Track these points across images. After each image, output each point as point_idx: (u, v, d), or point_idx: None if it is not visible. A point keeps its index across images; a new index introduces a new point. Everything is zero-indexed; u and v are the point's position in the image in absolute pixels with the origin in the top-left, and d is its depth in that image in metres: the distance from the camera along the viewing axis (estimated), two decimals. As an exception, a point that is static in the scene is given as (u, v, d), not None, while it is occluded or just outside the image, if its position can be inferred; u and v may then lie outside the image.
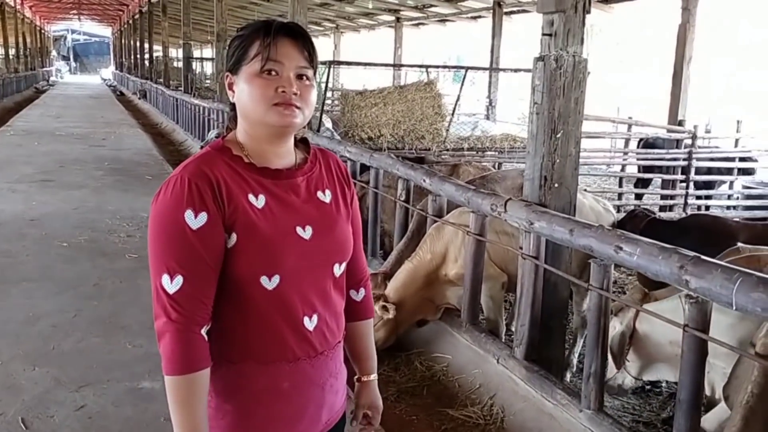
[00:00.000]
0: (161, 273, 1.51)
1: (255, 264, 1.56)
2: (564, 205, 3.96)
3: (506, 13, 15.54)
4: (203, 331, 1.54)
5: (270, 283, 1.58)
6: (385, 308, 4.53)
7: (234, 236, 1.55)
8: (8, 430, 3.48)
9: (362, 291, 1.90)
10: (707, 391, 3.56)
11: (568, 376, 4.85)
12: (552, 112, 3.87)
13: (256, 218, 1.57)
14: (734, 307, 2.59)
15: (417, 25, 20.94)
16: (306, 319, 1.64)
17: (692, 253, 2.83)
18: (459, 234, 4.64)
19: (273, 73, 1.58)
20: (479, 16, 17.50)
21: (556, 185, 3.94)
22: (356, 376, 1.92)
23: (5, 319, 4.92)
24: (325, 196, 1.72)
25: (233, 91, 1.64)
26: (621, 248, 3.10)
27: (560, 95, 3.85)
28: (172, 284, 1.50)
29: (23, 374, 4.09)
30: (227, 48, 1.69)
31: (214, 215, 1.53)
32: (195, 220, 1.51)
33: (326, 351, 1.70)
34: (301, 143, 1.77)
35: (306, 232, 1.63)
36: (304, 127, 1.77)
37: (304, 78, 1.62)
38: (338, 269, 1.71)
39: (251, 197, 1.59)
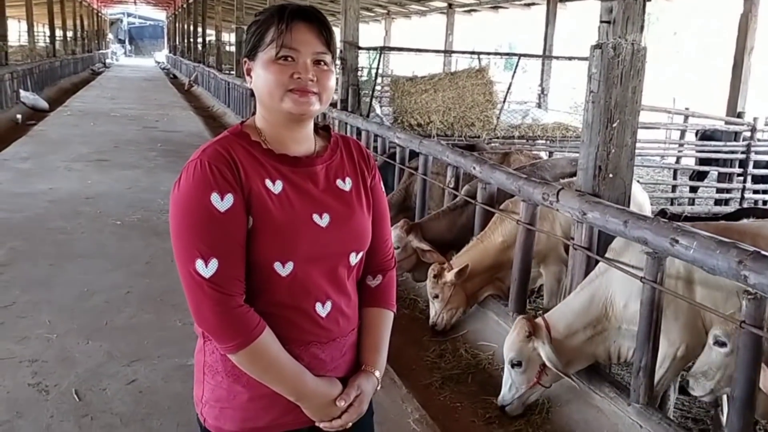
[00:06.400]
0: (194, 259, 1.50)
1: (269, 249, 1.56)
2: (618, 196, 3.88)
3: (560, 0, 15.26)
4: (242, 301, 1.55)
5: (284, 269, 1.57)
6: (442, 275, 4.67)
7: (250, 220, 1.55)
8: (62, 401, 3.58)
9: (379, 278, 1.82)
10: (614, 359, 3.71)
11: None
12: (608, 101, 3.79)
13: (271, 203, 1.57)
14: (795, 305, 2.52)
15: (469, 11, 20.69)
16: (319, 305, 1.64)
17: (752, 248, 2.75)
18: None
19: (289, 59, 1.57)
20: (533, 3, 17.21)
21: (610, 176, 3.86)
22: (363, 367, 1.75)
23: (61, 293, 5.06)
24: (345, 185, 1.70)
25: (251, 77, 1.64)
26: (677, 241, 3.02)
27: (617, 84, 3.77)
28: (207, 268, 1.50)
29: (77, 348, 4.20)
30: (245, 33, 1.67)
31: (238, 196, 1.53)
32: (222, 203, 1.51)
33: (339, 338, 1.70)
34: (323, 130, 1.76)
35: (323, 220, 1.62)
36: (355, 113, 1.76)
37: (322, 63, 1.60)
38: (354, 258, 1.70)
39: (268, 182, 1.58)
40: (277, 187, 1.59)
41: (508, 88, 9.95)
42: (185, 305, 1.56)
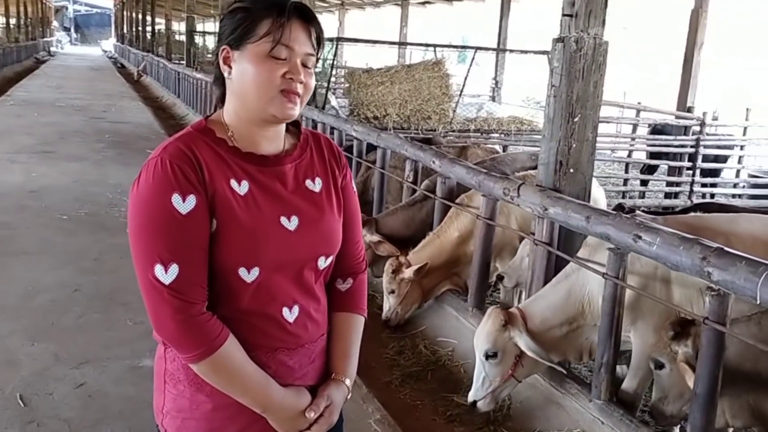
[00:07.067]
0: (153, 264, 1.42)
1: (234, 254, 1.48)
2: (579, 191, 3.87)
3: (514, -6, 15.31)
4: (204, 309, 1.46)
5: (249, 275, 1.49)
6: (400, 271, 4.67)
7: (214, 222, 1.46)
8: (6, 407, 3.42)
9: (350, 281, 1.74)
10: (585, 357, 3.73)
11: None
12: (570, 95, 3.77)
13: (237, 206, 1.48)
14: (758, 301, 2.51)
15: (423, 3, 20.68)
16: (286, 311, 1.56)
17: (715, 245, 2.75)
18: None
19: (282, 57, 1.48)
20: (486, -4, 17.30)
21: (571, 170, 3.84)
22: (332, 375, 1.69)
23: (4, 292, 4.85)
24: (315, 185, 1.62)
25: (229, 67, 1.52)
26: (640, 237, 3.01)
27: (579, 78, 3.75)
28: (167, 274, 1.42)
29: (22, 350, 4.02)
30: (227, 17, 1.55)
31: (201, 197, 1.44)
32: (183, 204, 1.42)
33: (308, 344, 1.62)
34: (293, 126, 1.67)
35: (291, 223, 1.54)
36: (310, 105, 1.66)
37: (308, 65, 1.53)
38: (323, 262, 1.62)
39: (233, 183, 1.49)
40: (243, 188, 1.50)
41: (464, 81, 9.93)
42: (136, 303, 1.48)
